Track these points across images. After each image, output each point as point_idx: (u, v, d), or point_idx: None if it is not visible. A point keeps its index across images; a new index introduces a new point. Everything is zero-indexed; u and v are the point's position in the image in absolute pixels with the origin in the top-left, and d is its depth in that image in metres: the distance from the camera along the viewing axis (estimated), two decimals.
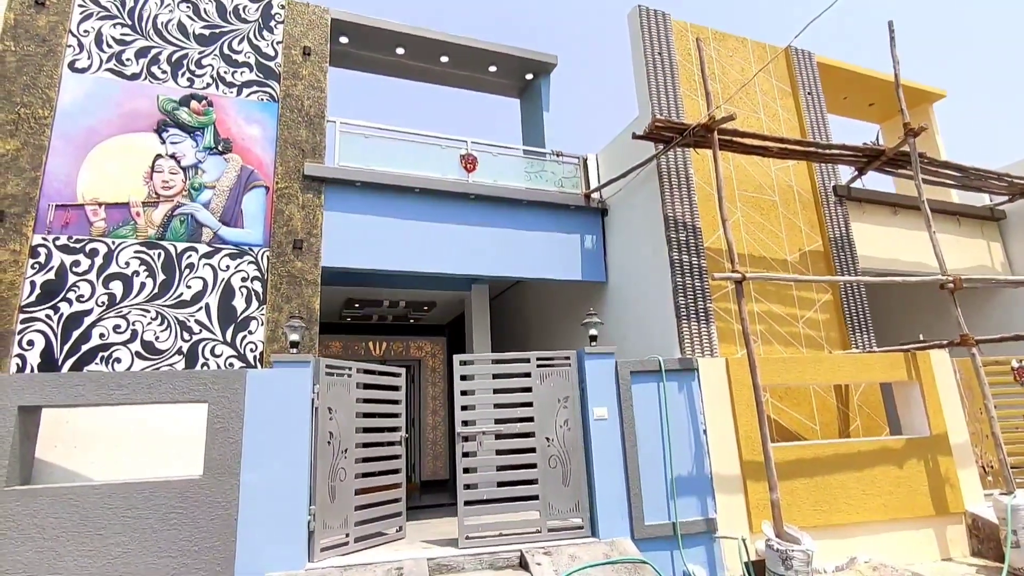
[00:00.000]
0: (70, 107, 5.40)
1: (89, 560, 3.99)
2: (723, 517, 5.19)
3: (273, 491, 4.40)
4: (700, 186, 6.78)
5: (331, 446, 4.78)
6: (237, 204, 5.73)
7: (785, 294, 6.83)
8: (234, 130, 5.92)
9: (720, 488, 5.29)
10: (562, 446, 5.22)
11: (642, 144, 6.73)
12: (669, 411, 5.40)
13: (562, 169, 7.79)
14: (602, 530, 4.96)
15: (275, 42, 6.35)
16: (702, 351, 6.08)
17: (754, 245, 6.86)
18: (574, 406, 5.31)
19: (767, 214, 7.10)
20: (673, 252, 6.35)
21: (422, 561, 4.53)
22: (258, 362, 5.39)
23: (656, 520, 5.07)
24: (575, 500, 5.12)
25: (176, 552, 4.12)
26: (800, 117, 7.81)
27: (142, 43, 5.82)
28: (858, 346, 6.84)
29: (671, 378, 5.52)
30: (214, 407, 4.44)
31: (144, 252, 5.29)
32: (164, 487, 4.22)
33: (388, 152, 6.74)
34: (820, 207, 7.38)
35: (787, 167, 7.44)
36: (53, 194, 5.14)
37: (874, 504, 5.49)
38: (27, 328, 4.80)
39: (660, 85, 6.96)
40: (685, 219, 6.52)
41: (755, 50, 7.89)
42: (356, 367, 5.22)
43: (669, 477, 5.21)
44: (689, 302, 6.22)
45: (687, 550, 5.02)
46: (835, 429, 6.38)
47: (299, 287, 5.72)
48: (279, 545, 4.33)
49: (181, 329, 5.22)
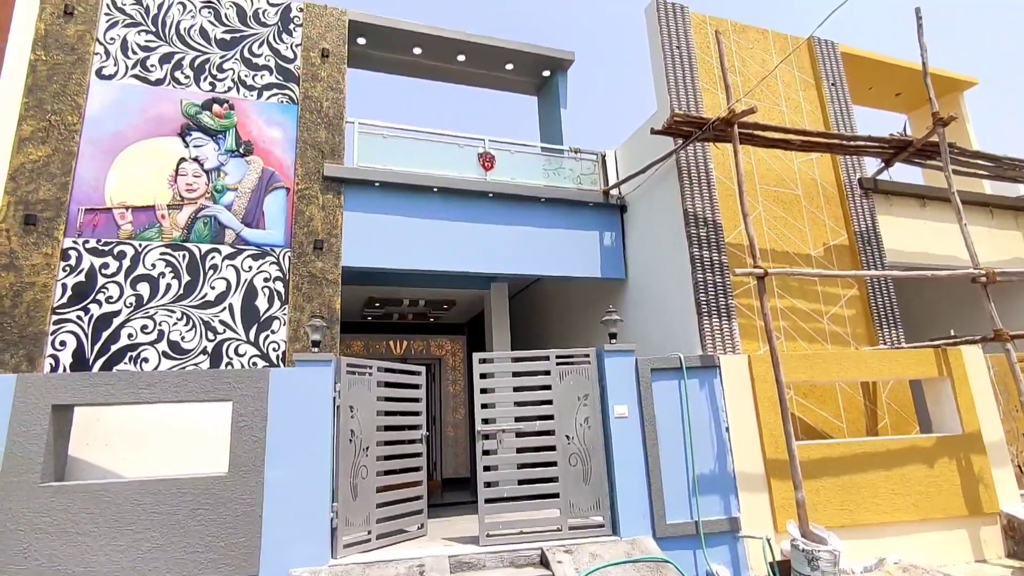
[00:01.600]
0: (98, 113, 5.54)
1: (121, 555, 4.10)
2: (747, 516, 5.12)
3: (296, 488, 4.47)
4: (720, 181, 6.68)
5: (353, 444, 4.83)
6: (259, 205, 5.82)
7: (809, 289, 6.70)
8: (255, 132, 6.02)
9: (743, 487, 5.21)
10: (582, 444, 5.19)
11: (661, 139, 6.66)
12: (690, 409, 5.34)
13: (580, 166, 7.75)
14: (623, 528, 4.93)
15: (294, 45, 6.43)
16: (724, 348, 6.00)
17: (776, 240, 6.74)
18: (594, 404, 5.29)
19: (790, 208, 6.97)
20: (693, 248, 6.27)
21: (443, 558, 4.55)
22: (280, 361, 5.46)
23: (678, 519, 5.03)
24: (596, 498, 5.09)
25: (203, 547, 4.21)
26: (824, 109, 7.64)
27: (166, 49, 5.94)
28: (886, 342, 6.68)
29: (692, 375, 5.46)
30: (238, 405, 4.51)
31: (169, 254, 5.40)
32: (191, 484, 4.31)
33: (406, 152, 6.78)
34: (845, 200, 7.22)
35: (810, 160, 7.29)
36: (82, 198, 5.28)
37: (904, 504, 5.36)
38: (59, 329, 4.95)
39: (678, 79, 6.88)
40: (705, 214, 6.44)
41: (776, 41, 7.74)
42: (377, 366, 5.26)
43: (691, 475, 5.16)
44: (710, 298, 6.14)
45: (710, 549, 4.96)
46: (862, 427, 6.24)
47: (320, 287, 5.79)
48: (303, 542, 4.39)
49: (206, 329, 5.33)
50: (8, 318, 4.80)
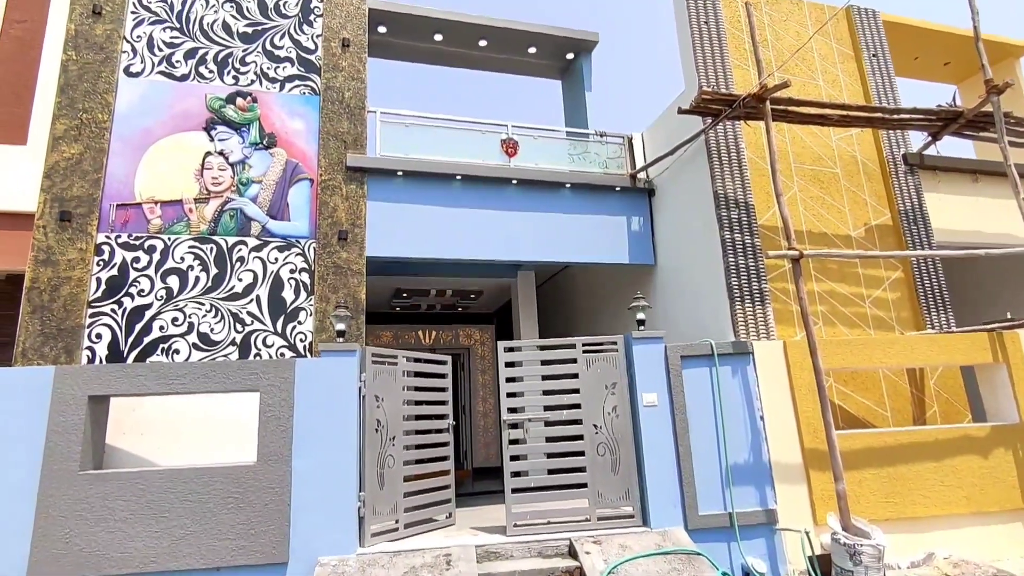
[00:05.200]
0: (126, 110, 5.64)
1: (156, 541, 4.19)
2: (784, 508, 4.93)
3: (323, 477, 4.49)
4: (752, 160, 6.40)
5: (379, 433, 4.83)
6: (283, 197, 5.85)
7: (849, 272, 6.38)
8: (278, 125, 6.04)
9: (780, 478, 5.02)
10: (611, 433, 5.08)
11: (689, 120, 6.42)
12: (723, 397, 5.16)
13: (606, 150, 7.56)
14: (654, 520, 4.81)
15: (315, 35, 6.42)
16: (758, 334, 5.77)
17: (813, 221, 6.44)
18: (622, 392, 5.16)
19: (827, 187, 6.64)
20: (724, 231, 6.04)
21: (470, 548, 4.52)
22: (307, 351, 5.50)
23: (711, 510, 4.87)
24: (625, 488, 4.98)
25: (234, 535, 4.27)
26: (864, 81, 7.24)
27: (190, 44, 6.00)
28: (934, 326, 6.33)
29: (724, 362, 5.27)
30: (266, 395, 4.55)
31: (197, 247, 5.48)
32: (222, 473, 4.37)
33: (428, 140, 6.71)
34: (888, 178, 6.84)
35: (850, 136, 6.93)
36: (113, 194, 5.40)
37: (955, 496, 5.08)
38: (95, 322, 5.08)
39: (707, 56, 6.60)
40: (736, 196, 6.19)
41: (812, 12, 7.36)
42: (403, 355, 5.25)
43: (724, 466, 4.99)
44: (743, 283, 5.91)
45: (745, 542, 4.80)
46: (908, 416, 5.93)
47: (345, 277, 5.80)
48: (330, 530, 4.42)
49: (234, 321, 5.39)
50: (47, 312, 4.95)
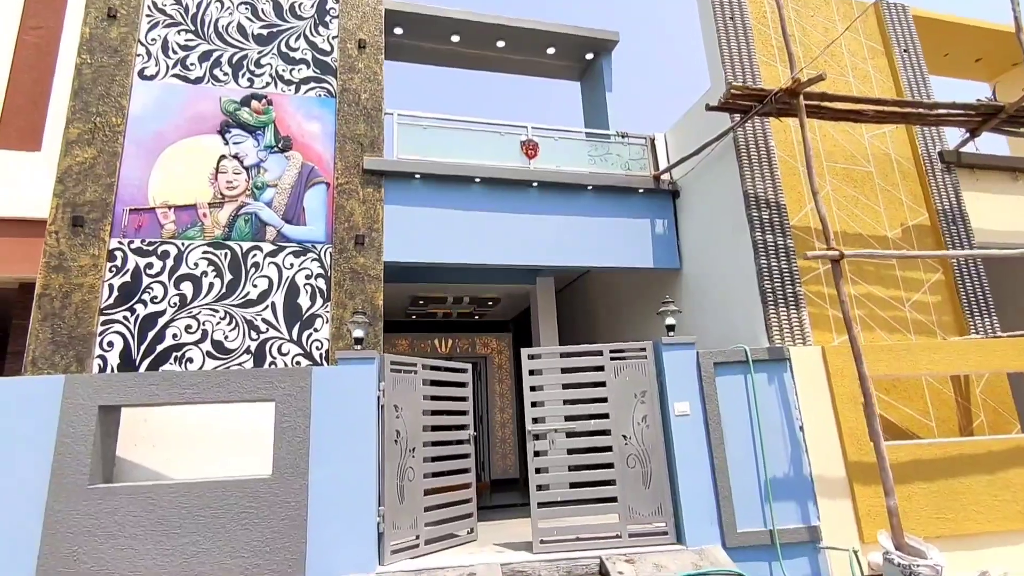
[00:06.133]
0: (140, 113, 5.53)
1: (166, 559, 4.00)
2: (827, 525, 4.64)
3: (341, 491, 4.29)
4: (782, 159, 6.16)
5: (398, 445, 4.62)
6: (299, 201, 5.70)
7: (886, 275, 6.09)
8: (294, 127, 5.90)
9: (822, 492, 4.74)
10: (641, 444, 4.83)
11: (715, 118, 6.20)
12: (759, 406, 4.90)
13: (628, 151, 7.35)
14: (689, 537, 4.54)
15: (330, 37, 6.30)
16: (793, 340, 5.50)
17: (847, 221, 6.17)
18: (652, 401, 4.91)
19: (861, 187, 6.37)
20: (756, 232, 5.78)
21: (495, 566, 4.28)
22: (324, 360, 5.32)
23: (750, 527, 4.60)
24: (657, 503, 4.72)
25: (248, 552, 4.07)
26: (895, 77, 6.98)
27: (205, 47, 5.89)
28: (977, 331, 6.01)
29: (760, 369, 5.01)
30: (281, 405, 4.37)
31: (211, 253, 5.34)
32: (235, 486, 4.18)
33: (446, 142, 6.55)
34: (924, 176, 6.55)
35: (883, 133, 6.66)
36: (127, 199, 5.27)
37: (1009, 511, 4.76)
38: (107, 330, 4.93)
39: (733, 52, 6.39)
40: (768, 196, 5.94)
41: (840, 7, 7.13)
42: (422, 363, 5.04)
43: (763, 479, 4.71)
44: (776, 286, 5.65)
45: (787, 561, 4.51)
46: (954, 426, 5.61)
47: (362, 283, 5.62)
48: (349, 547, 4.20)
49: (249, 328, 5.23)
50: (58, 320, 4.81)
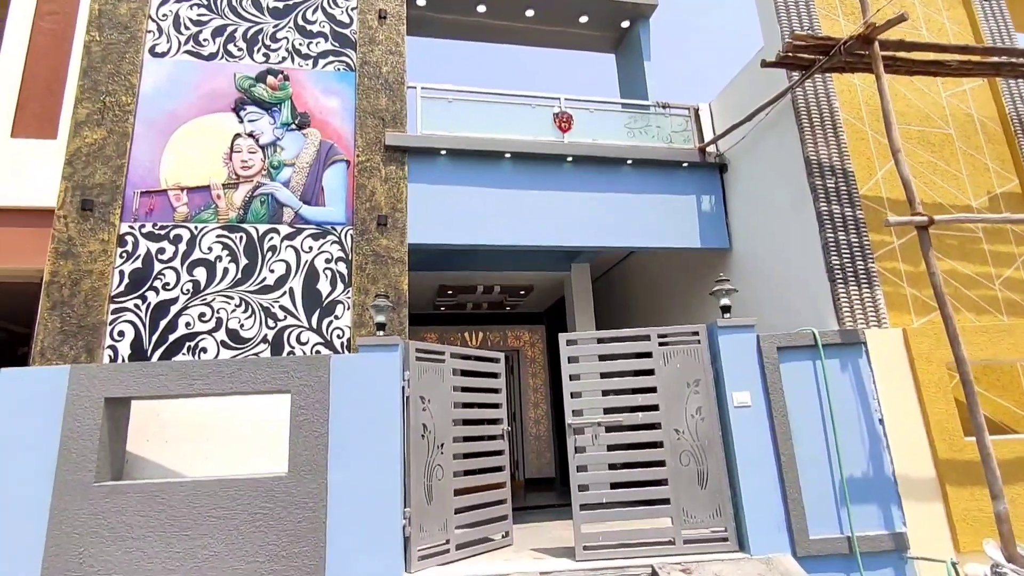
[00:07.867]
0: (152, 92, 5.26)
1: (177, 563, 3.68)
2: (915, 532, 4.04)
3: (364, 491, 3.90)
4: (848, 121, 5.50)
5: (425, 440, 4.21)
6: (317, 181, 5.34)
7: (972, 249, 5.38)
8: (311, 103, 5.55)
9: (908, 494, 4.13)
10: (695, 439, 4.30)
11: (767, 83, 5.60)
12: (831, 396, 4.31)
13: (669, 123, 6.77)
14: (753, 544, 3.99)
15: (350, 8, 5.92)
16: (867, 322, 4.87)
17: (925, 190, 5.47)
18: (707, 391, 4.37)
19: (939, 151, 5.66)
20: (820, 203, 5.16)
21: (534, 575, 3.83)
22: (345, 349, 4.95)
23: (824, 533, 4.03)
24: (715, 505, 4.18)
25: (264, 557, 3.72)
26: (976, 29, 6.21)
27: (218, 22, 5.59)
28: None
29: (831, 354, 4.42)
30: (297, 397, 4.01)
31: (226, 236, 5.02)
32: (250, 485, 3.84)
33: (473, 116, 6.10)
34: (1014, 139, 5.79)
35: (963, 91, 5.92)
36: (138, 181, 5.00)
37: None
38: (117, 319, 4.66)
39: (790, 2, 5.75)
40: (833, 162, 5.30)
41: None
42: (450, 351, 4.62)
43: (838, 479, 4.13)
44: (845, 262, 5.02)
45: (869, 573, 3.93)
46: None
47: (385, 266, 5.23)
48: (372, 552, 3.81)
49: (265, 316, 4.89)
50: (67, 308, 4.56)
